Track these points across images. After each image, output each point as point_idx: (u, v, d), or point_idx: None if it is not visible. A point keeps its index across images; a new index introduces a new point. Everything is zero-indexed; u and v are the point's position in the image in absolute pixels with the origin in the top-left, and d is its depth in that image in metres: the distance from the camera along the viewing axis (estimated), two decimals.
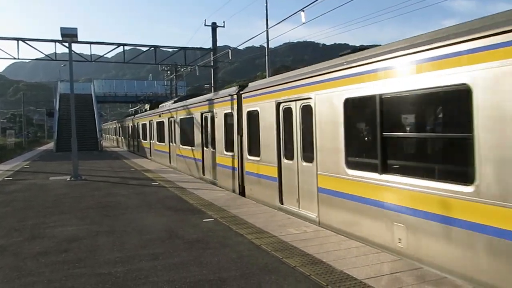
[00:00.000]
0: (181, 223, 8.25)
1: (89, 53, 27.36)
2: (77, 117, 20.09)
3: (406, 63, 5.74)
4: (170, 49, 29.40)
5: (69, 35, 16.78)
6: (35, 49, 25.77)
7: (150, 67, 58.31)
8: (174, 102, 20.43)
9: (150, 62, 30.16)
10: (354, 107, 6.96)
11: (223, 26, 31.89)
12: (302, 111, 8.51)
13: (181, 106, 17.88)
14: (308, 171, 8.28)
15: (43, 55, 27.79)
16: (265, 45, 29.35)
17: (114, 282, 5.13)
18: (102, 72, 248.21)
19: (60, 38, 17.76)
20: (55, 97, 46.91)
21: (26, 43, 25.15)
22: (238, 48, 30.22)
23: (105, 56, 29.95)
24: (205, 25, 31.67)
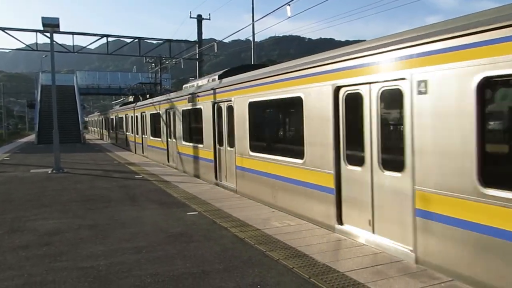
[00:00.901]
0: (165, 216, 8.22)
1: (72, 44, 26.88)
2: (59, 109, 19.79)
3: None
4: (154, 41, 29.17)
5: (50, 25, 16.43)
6: (16, 39, 25.16)
7: (134, 59, 57.55)
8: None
9: (134, 54, 29.77)
10: (256, 107, 9.73)
11: (209, 19, 31.66)
12: (228, 109, 11.35)
13: (150, 103, 21.27)
14: (231, 154, 11.20)
15: (24, 45, 27.20)
16: (251, 38, 29.29)
17: (96, 275, 5.09)
18: (85, 64, 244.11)
19: (41, 28, 17.39)
20: (36, 89, 45.97)
21: (6, 33, 24.56)
22: (224, 41, 30.05)
23: (88, 47, 29.44)
24: (190, 17, 31.38)
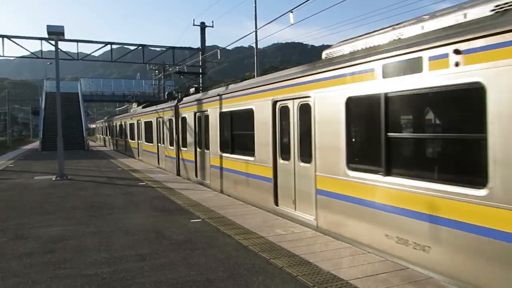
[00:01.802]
0: (168, 223, 8.21)
1: (76, 51, 27.06)
2: (63, 116, 19.88)
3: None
4: (158, 48, 29.25)
5: (55, 33, 16.58)
6: (21, 46, 25.36)
7: (137, 66, 57.83)
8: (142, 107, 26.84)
9: (138, 61, 29.91)
10: (224, 116, 11.96)
11: (212, 26, 31.83)
12: (205, 118, 13.46)
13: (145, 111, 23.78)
14: (208, 155, 13.31)
15: (28, 53, 27.39)
16: (253, 45, 29.39)
17: (100, 283, 5.08)
18: (89, 71, 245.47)
19: (46, 36, 17.53)
20: (40, 96, 46.31)
21: (11, 41, 24.76)
22: (227, 48, 30.23)
23: (92, 54, 29.65)
24: (193, 24, 31.57)
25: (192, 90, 19.30)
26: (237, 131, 11.26)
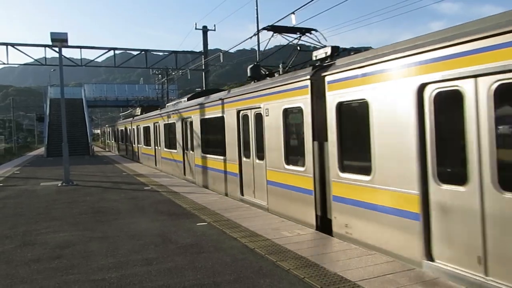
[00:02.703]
0: (174, 227, 8.23)
1: (80, 58, 27.23)
2: (68, 122, 19.98)
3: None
4: (161, 53, 29.52)
5: (59, 40, 16.67)
6: (25, 54, 25.58)
7: (140, 71, 58.01)
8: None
9: (141, 66, 30.10)
10: (204, 122, 14.03)
11: (214, 30, 31.96)
12: (190, 124, 15.55)
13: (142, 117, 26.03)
14: (192, 156, 15.51)
15: (32, 60, 27.60)
16: (255, 48, 29.44)
17: None
18: (93, 77, 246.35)
19: (50, 43, 17.65)
20: (45, 102, 46.44)
21: (16, 48, 24.95)
22: (229, 51, 30.24)
23: (95, 60, 29.85)
24: (196, 28, 31.69)
25: (185, 99, 20.47)
26: (214, 136, 13.25)
